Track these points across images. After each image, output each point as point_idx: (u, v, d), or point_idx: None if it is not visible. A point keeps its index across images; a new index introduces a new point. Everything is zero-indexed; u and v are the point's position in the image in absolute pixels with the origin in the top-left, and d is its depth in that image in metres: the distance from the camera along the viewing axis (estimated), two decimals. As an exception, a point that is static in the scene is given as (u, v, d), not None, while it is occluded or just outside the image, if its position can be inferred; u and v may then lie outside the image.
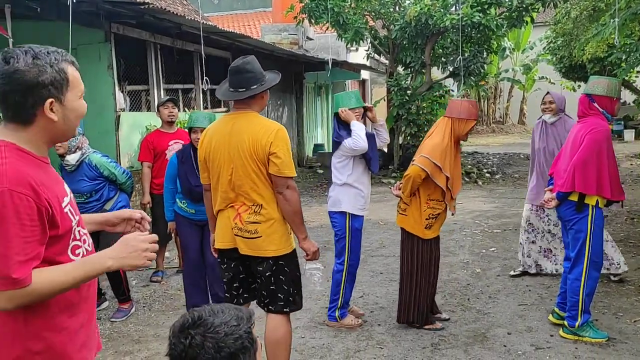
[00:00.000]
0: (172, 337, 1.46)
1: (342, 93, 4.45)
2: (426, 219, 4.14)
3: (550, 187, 4.22)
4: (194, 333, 1.42)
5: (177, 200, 4.53)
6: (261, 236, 3.09)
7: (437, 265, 4.32)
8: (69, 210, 1.74)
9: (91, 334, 1.84)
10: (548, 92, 5.38)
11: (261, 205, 3.09)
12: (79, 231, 1.78)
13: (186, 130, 5.90)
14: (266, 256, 3.12)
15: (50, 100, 1.66)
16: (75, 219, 1.76)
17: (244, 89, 3.09)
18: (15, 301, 1.59)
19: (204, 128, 4.35)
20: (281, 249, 3.14)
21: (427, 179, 4.06)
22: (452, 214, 4.60)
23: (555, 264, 5.38)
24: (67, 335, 1.72)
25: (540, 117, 5.39)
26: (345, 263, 4.29)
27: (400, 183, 4.27)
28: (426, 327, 4.25)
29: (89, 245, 1.83)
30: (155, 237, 1.81)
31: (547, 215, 5.32)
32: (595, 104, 3.96)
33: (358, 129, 4.19)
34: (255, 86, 3.09)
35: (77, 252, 1.75)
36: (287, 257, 3.18)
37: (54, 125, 1.70)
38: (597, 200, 3.88)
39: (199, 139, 4.35)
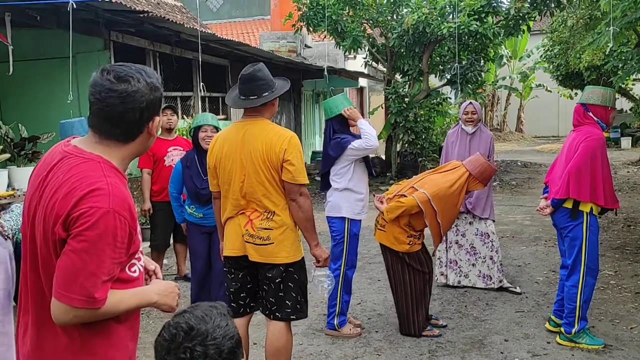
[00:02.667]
0: (167, 354, 1.43)
1: (331, 98, 4.40)
2: (408, 237, 4.16)
3: (545, 194, 4.26)
4: (193, 345, 1.40)
5: (186, 207, 4.55)
6: (273, 242, 3.09)
7: (430, 271, 4.31)
8: (139, 229, 1.78)
9: (135, 343, 1.86)
10: (470, 102, 5.30)
11: (273, 212, 3.09)
12: (141, 250, 1.81)
13: (185, 137, 5.97)
14: (277, 263, 3.12)
15: (157, 117, 1.74)
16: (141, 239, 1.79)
17: (256, 97, 3.09)
18: (78, 319, 1.61)
19: (213, 126, 4.41)
20: (292, 256, 3.15)
21: (419, 212, 4.06)
22: (432, 255, 4.56)
23: (459, 276, 5.35)
24: (120, 348, 1.74)
25: (457, 124, 5.37)
26: (342, 267, 4.29)
27: (385, 197, 4.25)
28: (423, 334, 4.26)
29: (143, 262, 1.84)
30: (178, 286, 1.91)
31: (455, 226, 5.31)
32: (590, 113, 4.01)
33: (367, 126, 4.14)
34: (266, 93, 3.10)
35: (132, 269, 1.76)
36: (297, 264, 3.19)
37: (149, 141, 1.78)
38: (592, 208, 3.92)
39: (208, 136, 4.36)
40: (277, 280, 3.14)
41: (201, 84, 7.68)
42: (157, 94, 1.72)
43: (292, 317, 3.20)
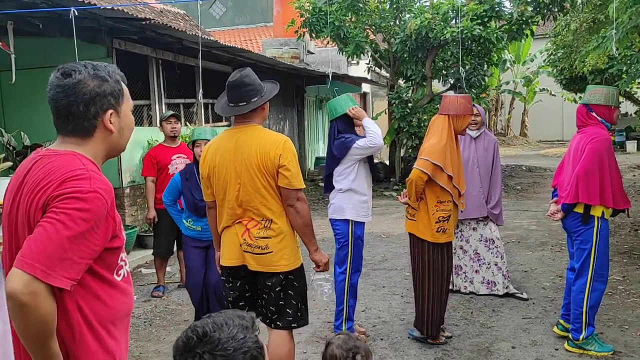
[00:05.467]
0: (179, 355, 1.39)
1: (336, 98, 4.33)
2: (436, 222, 4.04)
3: (555, 199, 4.20)
4: (202, 351, 1.35)
5: (184, 220, 4.51)
6: (272, 251, 3.04)
7: (450, 272, 4.25)
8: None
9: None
10: (474, 105, 5.09)
11: (271, 219, 3.04)
12: (125, 257, 1.78)
13: (188, 145, 5.94)
14: (277, 271, 3.07)
15: (110, 111, 1.70)
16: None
17: (245, 103, 3.04)
18: (34, 298, 1.46)
19: (208, 140, 4.37)
20: (291, 264, 3.10)
21: (431, 181, 4.00)
22: (461, 211, 4.56)
23: (465, 281, 5.31)
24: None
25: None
26: (348, 271, 4.23)
27: (406, 190, 4.22)
28: (430, 341, 4.21)
29: (128, 266, 1.80)
30: None
31: (460, 231, 5.24)
32: (594, 114, 3.96)
33: (372, 125, 4.10)
34: (255, 99, 3.05)
35: (120, 272, 1.72)
36: (296, 271, 3.15)
37: (111, 137, 1.73)
38: (603, 212, 3.87)
39: (202, 150, 4.36)
40: (277, 289, 3.10)
41: (201, 91, 7.64)
42: (107, 86, 1.67)
43: (293, 325, 3.16)
